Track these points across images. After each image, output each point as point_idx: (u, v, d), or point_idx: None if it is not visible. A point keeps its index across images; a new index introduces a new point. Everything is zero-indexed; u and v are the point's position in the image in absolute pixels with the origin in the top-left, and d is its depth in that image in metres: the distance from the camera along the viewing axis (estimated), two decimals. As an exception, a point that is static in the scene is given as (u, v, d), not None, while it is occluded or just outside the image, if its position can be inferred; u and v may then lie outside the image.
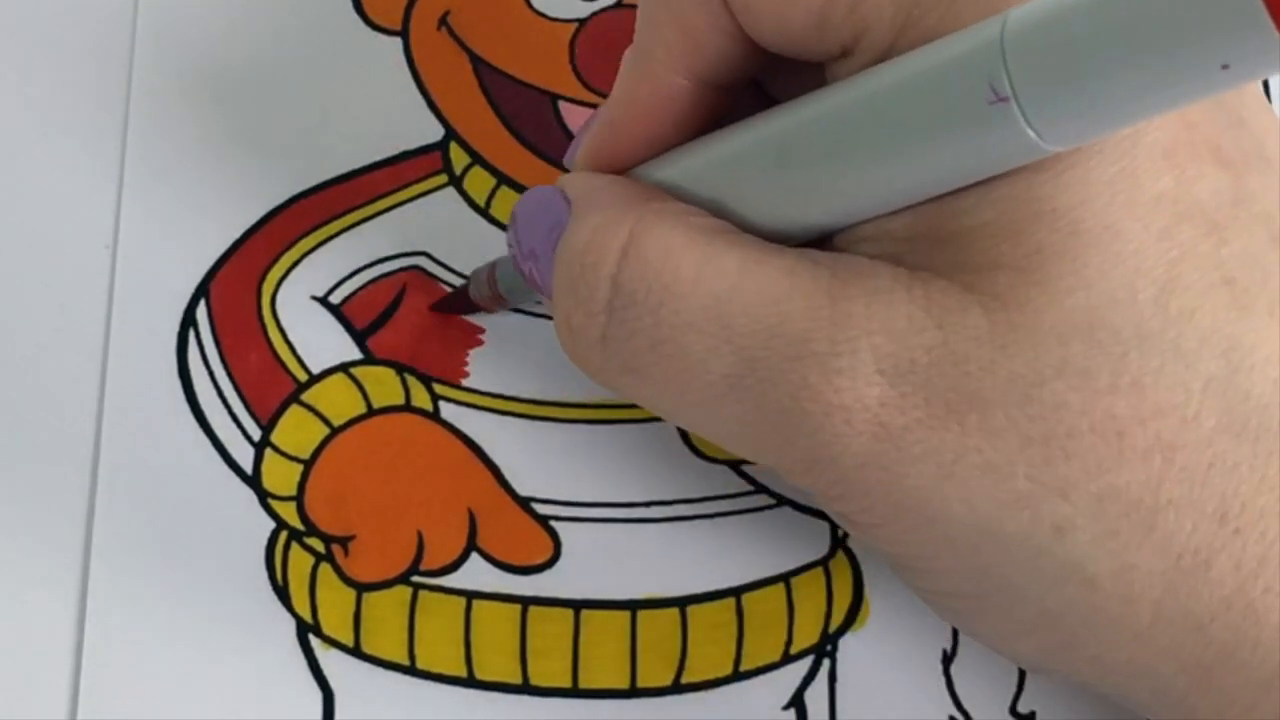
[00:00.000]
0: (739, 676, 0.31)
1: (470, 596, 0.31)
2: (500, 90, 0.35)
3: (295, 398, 0.32)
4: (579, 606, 0.31)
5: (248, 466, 0.32)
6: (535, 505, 0.32)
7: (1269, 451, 0.24)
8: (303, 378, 0.33)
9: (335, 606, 0.31)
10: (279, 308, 0.33)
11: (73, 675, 0.30)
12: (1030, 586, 0.25)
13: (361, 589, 0.31)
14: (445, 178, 0.34)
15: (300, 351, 0.33)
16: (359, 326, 0.33)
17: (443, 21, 0.36)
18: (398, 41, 0.35)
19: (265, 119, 0.34)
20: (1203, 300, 0.24)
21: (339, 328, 0.33)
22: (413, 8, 0.36)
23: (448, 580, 0.31)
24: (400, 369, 0.33)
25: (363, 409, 0.32)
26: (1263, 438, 0.24)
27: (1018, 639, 0.27)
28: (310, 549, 0.31)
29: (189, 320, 0.33)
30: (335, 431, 0.32)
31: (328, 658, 0.31)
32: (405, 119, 0.35)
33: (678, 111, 0.28)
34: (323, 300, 0.33)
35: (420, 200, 0.34)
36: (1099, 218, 0.24)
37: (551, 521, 0.32)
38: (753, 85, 0.29)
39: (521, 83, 0.35)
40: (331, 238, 0.34)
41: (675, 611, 0.32)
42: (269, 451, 0.32)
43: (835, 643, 0.32)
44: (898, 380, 0.24)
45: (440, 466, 0.32)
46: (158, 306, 0.33)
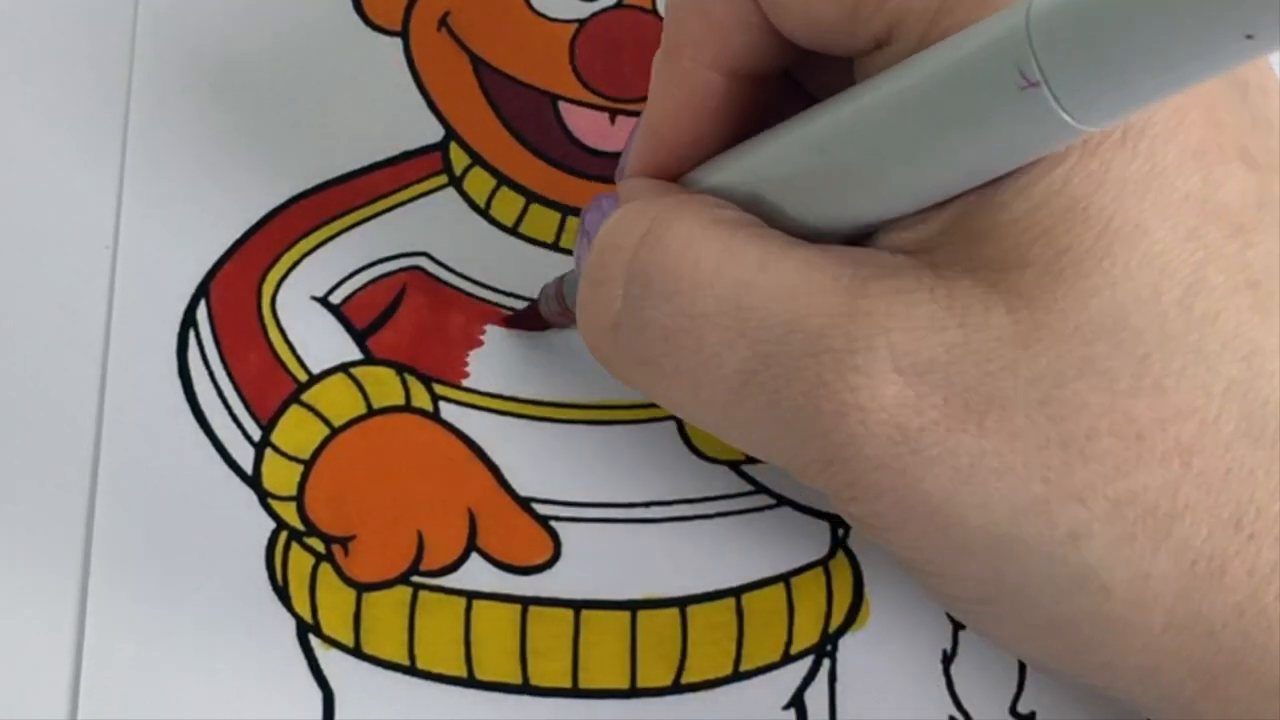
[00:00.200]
0: (739, 676, 0.31)
1: (470, 596, 0.31)
2: (500, 91, 0.35)
3: (295, 398, 0.32)
4: (579, 607, 0.31)
5: (248, 466, 0.32)
6: (535, 505, 0.32)
7: None
8: (303, 378, 0.33)
9: (335, 606, 0.31)
10: (279, 308, 0.33)
11: (73, 675, 0.30)
12: (1043, 592, 0.25)
13: (361, 589, 0.31)
14: (445, 178, 0.34)
15: (300, 351, 0.33)
16: (359, 326, 0.33)
17: (443, 22, 0.36)
18: (398, 41, 0.35)
19: (265, 119, 0.34)
20: (1227, 303, 0.24)
21: (339, 328, 0.33)
22: (413, 8, 0.36)
23: (448, 580, 0.31)
24: (400, 369, 0.33)
25: (363, 409, 0.32)
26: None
27: (1028, 643, 0.27)
28: (310, 549, 0.31)
29: (189, 320, 0.33)
30: (335, 431, 0.32)
31: (328, 658, 0.31)
32: (405, 119, 0.35)
33: (712, 107, 0.27)
34: (323, 300, 0.33)
35: (420, 200, 0.34)
36: (1129, 216, 0.23)
37: (551, 521, 0.32)
38: (789, 80, 0.29)
39: (521, 83, 0.35)
40: (331, 238, 0.34)
41: (675, 611, 0.32)
42: (269, 451, 0.32)
43: (835, 643, 0.32)
44: (915, 379, 0.24)
45: (440, 466, 0.32)
46: (158, 306, 0.33)
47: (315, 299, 0.33)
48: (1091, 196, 0.23)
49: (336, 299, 0.33)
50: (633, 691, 0.31)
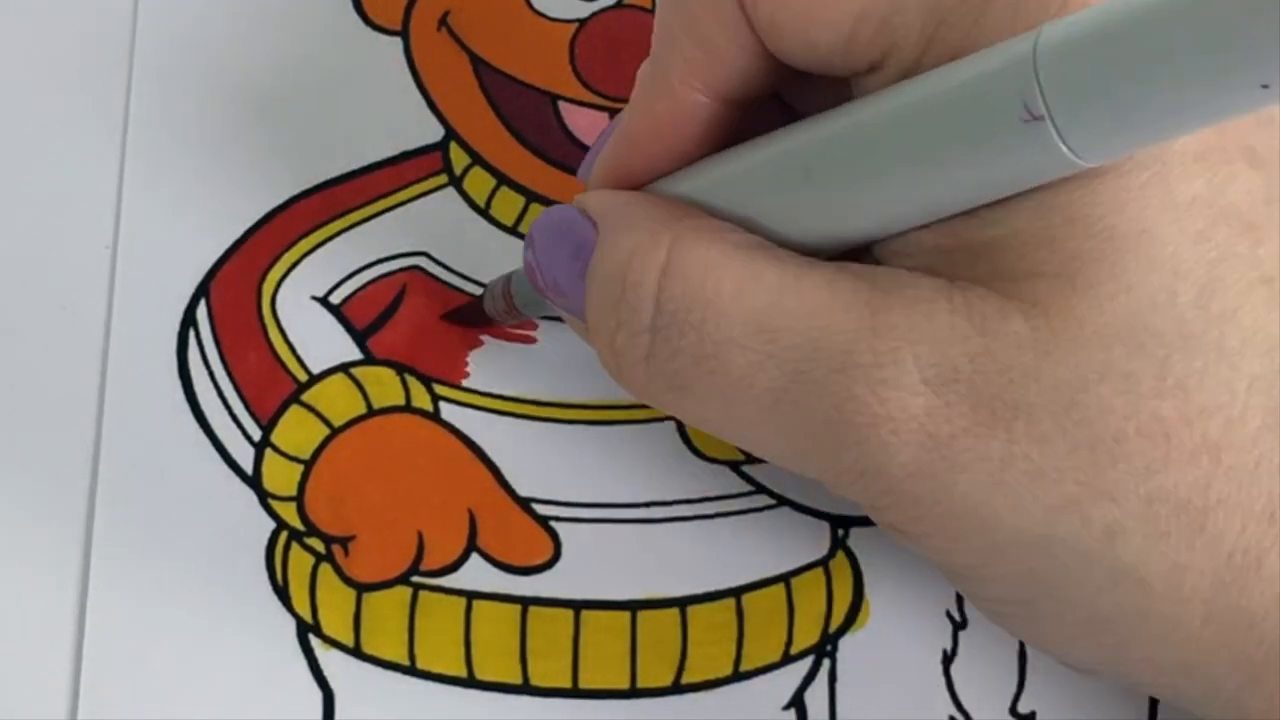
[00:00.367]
0: (739, 677, 0.31)
1: (470, 597, 0.31)
2: (500, 90, 0.35)
3: (295, 398, 0.32)
4: (579, 607, 0.31)
5: (248, 466, 0.32)
6: (535, 505, 0.32)
7: None
8: (303, 378, 0.33)
9: (335, 607, 0.31)
10: (279, 308, 0.33)
11: (73, 675, 0.30)
12: (1081, 590, 0.25)
13: (361, 589, 0.31)
14: (445, 178, 0.34)
15: (300, 351, 0.33)
16: (359, 326, 0.33)
17: (443, 22, 0.36)
18: (398, 41, 0.35)
19: (265, 119, 0.34)
20: (1243, 300, 0.24)
21: (339, 328, 0.33)
22: (413, 8, 0.36)
23: (448, 580, 0.31)
24: (400, 369, 0.33)
25: (363, 409, 0.32)
26: None
27: (1071, 643, 0.27)
28: (310, 549, 0.31)
29: (189, 320, 0.33)
30: (335, 432, 0.32)
31: (328, 658, 0.31)
32: (405, 119, 0.35)
33: (696, 127, 0.28)
34: (323, 300, 0.33)
35: (420, 200, 0.34)
36: (1133, 223, 0.24)
37: (551, 522, 0.32)
38: (772, 97, 0.29)
39: (521, 83, 0.35)
40: (331, 238, 0.34)
41: (675, 612, 0.32)
42: (269, 451, 0.32)
43: (835, 643, 0.32)
44: (942, 389, 0.24)
45: (440, 466, 0.32)
46: (158, 306, 0.33)
47: (315, 299, 0.33)
48: (1090, 206, 0.24)
49: (336, 299, 0.33)
50: (633, 692, 0.31)
